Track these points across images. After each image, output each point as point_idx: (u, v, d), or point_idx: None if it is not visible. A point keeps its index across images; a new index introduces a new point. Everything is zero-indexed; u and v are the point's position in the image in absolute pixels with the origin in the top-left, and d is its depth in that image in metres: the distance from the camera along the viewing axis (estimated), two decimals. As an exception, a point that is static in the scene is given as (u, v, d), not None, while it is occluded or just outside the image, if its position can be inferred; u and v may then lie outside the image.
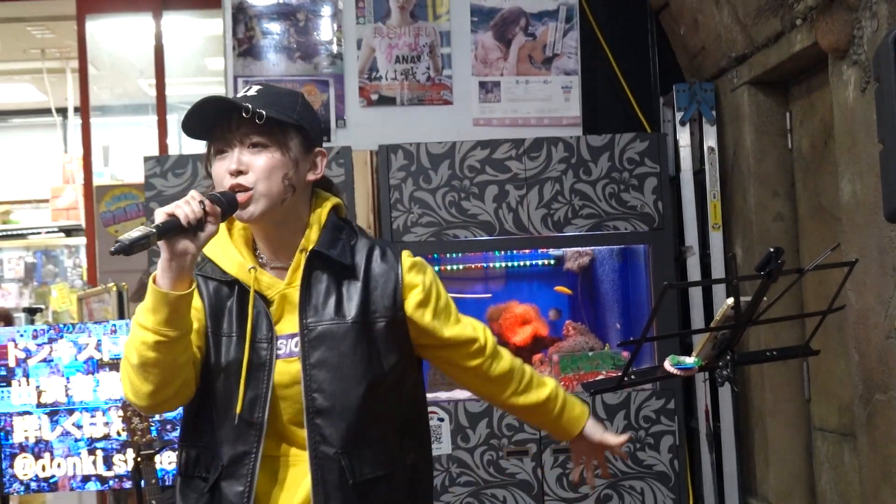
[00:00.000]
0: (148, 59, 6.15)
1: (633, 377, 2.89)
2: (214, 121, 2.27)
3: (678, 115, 5.20)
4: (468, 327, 2.45)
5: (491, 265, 5.60)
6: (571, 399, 2.67)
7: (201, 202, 2.12)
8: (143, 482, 4.11)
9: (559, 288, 5.54)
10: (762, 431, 4.86)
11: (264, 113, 2.22)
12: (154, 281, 2.12)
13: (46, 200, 9.70)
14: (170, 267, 2.11)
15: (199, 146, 5.28)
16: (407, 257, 2.39)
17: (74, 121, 9.22)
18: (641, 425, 4.98)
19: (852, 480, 4.31)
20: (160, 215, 2.09)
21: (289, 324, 2.30)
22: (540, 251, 5.45)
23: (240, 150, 2.25)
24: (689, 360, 2.86)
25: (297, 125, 2.28)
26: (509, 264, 5.60)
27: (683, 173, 5.21)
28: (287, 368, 2.28)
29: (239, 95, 2.31)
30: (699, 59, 5.30)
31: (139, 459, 4.10)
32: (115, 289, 5.30)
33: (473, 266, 5.54)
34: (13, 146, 10.71)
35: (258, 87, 2.32)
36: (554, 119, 5.45)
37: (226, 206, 2.18)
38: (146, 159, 5.07)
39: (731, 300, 2.78)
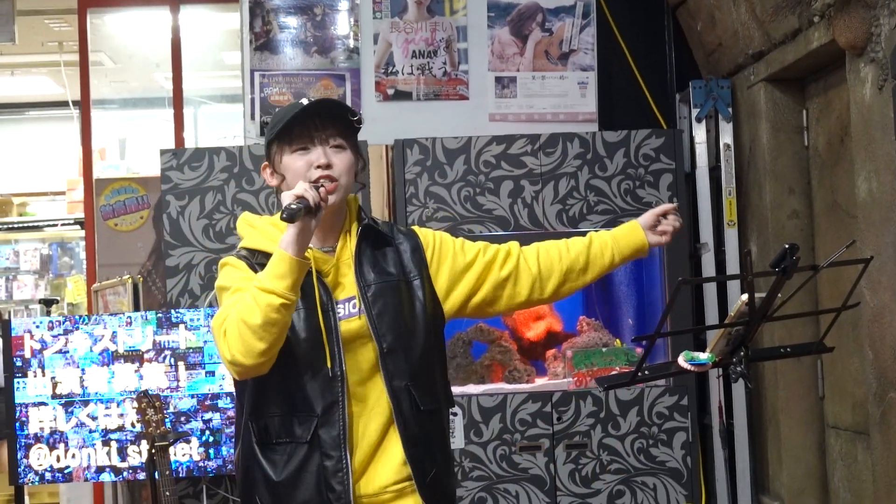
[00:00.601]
0: (165, 53, 6.16)
1: (646, 373, 2.89)
2: (294, 121, 2.65)
3: (694, 112, 5.19)
4: (489, 246, 2.85)
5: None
6: (606, 233, 3.00)
7: (318, 190, 2.53)
8: (156, 473, 4.12)
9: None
10: (775, 429, 4.86)
11: (360, 117, 2.72)
12: (280, 253, 2.48)
13: (63, 193, 9.72)
14: (297, 240, 2.48)
15: (214, 140, 5.31)
16: (419, 229, 2.88)
17: (91, 113, 9.24)
18: (654, 422, 4.98)
19: (865, 478, 4.31)
20: (289, 198, 2.47)
21: (343, 290, 2.70)
22: (555, 247, 5.45)
23: (323, 148, 2.66)
24: (703, 356, 2.86)
25: (356, 131, 2.74)
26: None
27: (699, 170, 5.21)
28: (349, 327, 2.67)
29: (308, 102, 2.68)
30: (716, 55, 5.29)
31: (153, 451, 4.11)
32: (129, 281, 5.32)
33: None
34: (30, 138, 10.75)
35: (319, 98, 2.78)
36: (570, 115, 5.44)
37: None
38: (163, 152, 5.09)
39: (745, 296, 2.78)
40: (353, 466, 2.65)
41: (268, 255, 2.60)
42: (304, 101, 2.69)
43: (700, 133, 5.21)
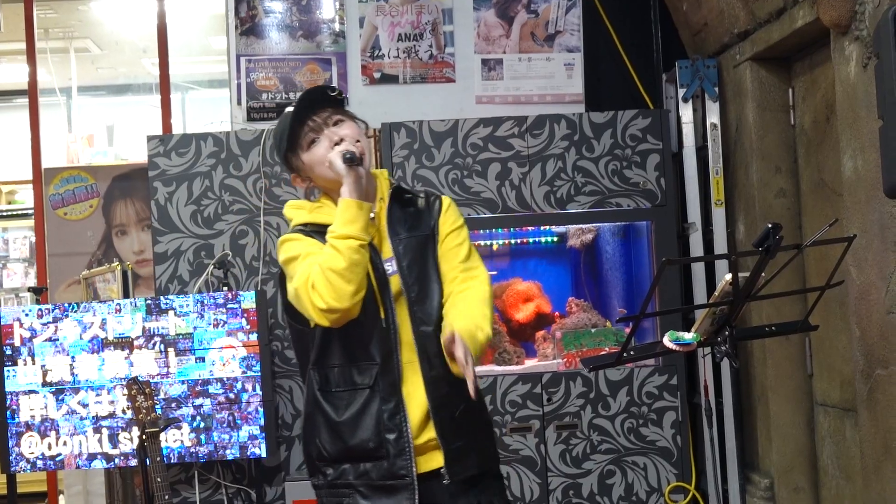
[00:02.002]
0: (151, 39, 6.14)
1: (632, 353, 2.90)
2: (293, 126, 2.92)
3: (681, 92, 5.20)
4: (463, 264, 3.00)
5: (494, 243, 5.61)
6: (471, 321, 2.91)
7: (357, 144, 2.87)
8: (147, 460, 4.13)
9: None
10: (764, 407, 4.88)
11: (339, 89, 2.97)
12: (345, 201, 2.79)
13: (51, 180, 9.69)
14: (357, 187, 2.80)
15: (201, 126, 5.31)
16: (444, 197, 3.08)
17: (78, 100, 9.22)
18: (644, 401, 5.00)
19: (854, 455, 4.33)
20: (338, 156, 2.80)
21: (386, 251, 2.94)
22: (543, 228, 5.47)
23: (328, 129, 2.90)
24: (688, 336, 2.88)
25: (344, 103, 3.00)
26: (512, 242, 5.61)
27: (686, 150, 5.21)
28: (394, 281, 2.91)
29: (294, 107, 2.94)
30: (702, 35, 5.29)
31: (144, 437, 4.12)
32: (119, 268, 5.32)
33: (476, 244, 5.55)
34: (17, 126, 10.70)
35: (302, 99, 2.94)
36: (556, 96, 5.45)
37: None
38: (149, 138, 5.08)
39: (729, 276, 2.79)
40: (410, 415, 2.86)
41: (318, 226, 2.90)
42: (290, 109, 2.94)
43: (687, 113, 5.22)
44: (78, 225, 6.15)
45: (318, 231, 2.90)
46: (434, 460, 2.88)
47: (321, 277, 2.74)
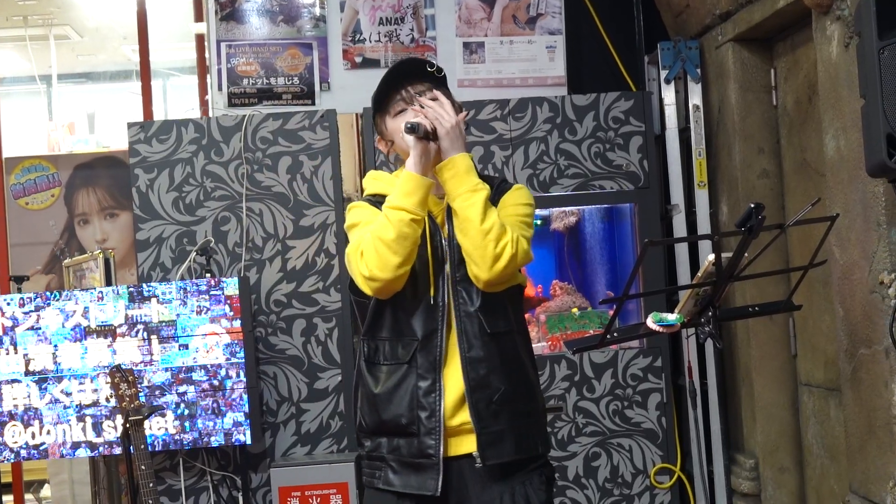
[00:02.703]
0: (131, 25, 6.11)
1: (616, 335, 2.90)
2: (388, 90, 2.93)
3: (663, 74, 5.19)
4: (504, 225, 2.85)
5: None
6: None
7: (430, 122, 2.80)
8: (132, 448, 4.12)
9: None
10: (749, 387, 4.89)
11: (441, 67, 2.95)
12: (406, 173, 2.78)
13: (33, 168, 9.65)
14: (420, 161, 2.78)
15: (182, 112, 5.28)
16: (517, 185, 3.04)
17: (59, 87, 9.17)
18: (629, 383, 5.00)
19: (838, 434, 4.34)
20: (408, 125, 2.76)
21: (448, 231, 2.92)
22: (526, 212, 5.45)
23: (418, 103, 2.89)
24: (672, 317, 2.87)
25: (445, 82, 2.97)
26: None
27: (669, 131, 5.20)
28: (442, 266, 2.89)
29: (391, 67, 2.97)
30: (683, 16, 5.28)
31: (128, 425, 4.11)
32: (101, 256, 5.29)
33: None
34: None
35: (400, 63, 2.98)
36: (538, 79, 5.43)
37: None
38: (130, 125, 5.06)
39: (712, 256, 2.79)
40: (447, 396, 2.85)
41: (385, 197, 2.88)
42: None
43: (669, 94, 5.21)
44: (40, 214, 6.12)
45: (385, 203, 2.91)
46: (467, 443, 2.86)
47: (370, 245, 2.76)
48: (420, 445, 2.84)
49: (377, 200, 2.94)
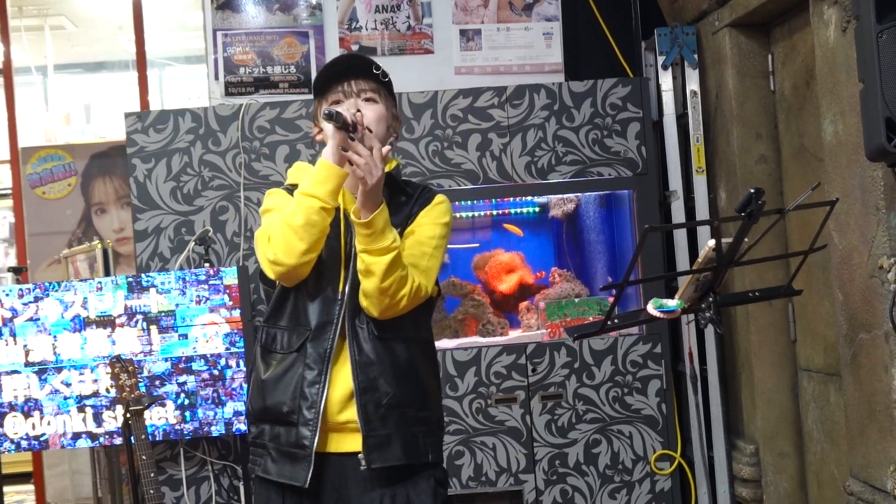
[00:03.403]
0: (127, 15, 6.09)
1: (616, 321, 2.90)
2: (331, 79, 2.92)
3: (660, 60, 5.18)
4: (412, 260, 2.87)
5: (476, 214, 5.60)
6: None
7: (353, 114, 2.73)
8: (132, 438, 4.12)
9: (508, 226, 5.54)
10: (748, 373, 4.89)
11: (386, 71, 2.93)
12: (321, 161, 2.76)
13: (29, 159, 9.64)
14: (336, 151, 2.75)
15: (179, 102, 5.27)
16: (439, 196, 2.99)
17: (54, 78, 9.14)
18: (629, 370, 5.01)
19: (838, 419, 4.34)
20: (326, 113, 2.69)
21: None
22: (524, 199, 5.46)
23: (355, 100, 2.88)
24: (672, 303, 2.87)
25: (388, 86, 2.96)
26: (494, 213, 5.60)
27: (666, 118, 5.20)
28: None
29: (336, 58, 2.96)
30: (680, 2, 5.27)
31: (128, 415, 4.11)
32: (99, 247, 5.29)
33: (458, 215, 5.54)
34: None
35: (348, 54, 2.97)
36: (536, 66, 5.43)
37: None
38: (127, 115, 5.05)
39: (712, 242, 2.78)
40: (335, 391, 2.83)
41: None
42: (340, 57, 2.98)
43: (666, 81, 5.20)
44: (57, 204, 6.12)
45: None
46: (352, 442, 2.84)
47: (278, 230, 2.76)
48: (297, 435, 2.83)
49: (295, 189, 2.93)
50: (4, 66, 5.86)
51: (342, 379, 2.84)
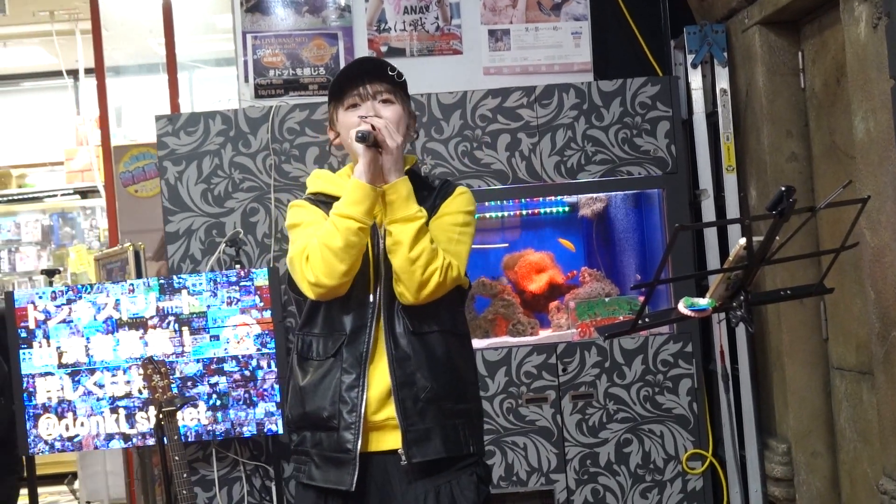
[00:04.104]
0: (157, 18, 6.13)
1: (647, 320, 2.90)
2: (347, 82, 2.94)
3: (689, 58, 5.17)
4: (440, 247, 2.89)
5: (506, 214, 5.60)
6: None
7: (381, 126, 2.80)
8: (165, 439, 4.14)
9: (563, 241, 5.54)
10: (780, 372, 4.87)
11: (401, 72, 2.95)
12: (355, 182, 2.80)
13: (61, 163, 9.71)
14: (369, 170, 2.81)
15: (208, 105, 5.30)
16: (460, 187, 3.04)
17: (86, 82, 9.21)
18: (659, 369, 5.00)
19: (871, 418, 4.32)
20: (353, 133, 2.81)
21: None
22: (554, 199, 5.46)
23: (371, 103, 2.91)
24: (703, 302, 2.87)
25: (404, 86, 2.98)
26: (523, 213, 5.60)
27: (696, 116, 5.18)
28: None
29: (351, 62, 3.00)
30: (709, 0, 5.26)
31: (161, 416, 4.13)
32: (131, 249, 5.32)
33: (488, 216, 5.55)
34: (26, 109, 10.73)
35: (362, 58, 3.01)
36: (564, 65, 5.42)
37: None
38: (157, 118, 5.08)
39: (743, 240, 2.78)
40: (371, 391, 2.86)
41: (327, 196, 2.96)
42: (355, 61, 3.00)
43: (696, 79, 5.19)
44: (149, 202, 6.17)
45: (326, 202, 2.96)
46: (392, 440, 2.87)
47: (316, 252, 2.79)
48: (339, 440, 2.86)
49: (319, 199, 3.00)
50: (97, 66, 5.86)
51: (378, 378, 2.87)
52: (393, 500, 2.89)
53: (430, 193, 3.00)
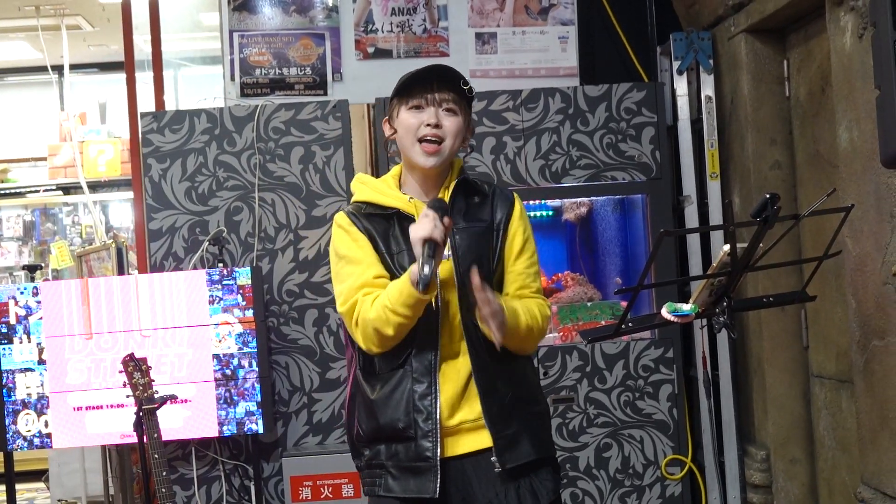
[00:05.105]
0: (143, 16, 6.10)
1: (630, 324, 2.90)
2: (414, 81, 2.90)
3: (675, 65, 5.18)
4: (531, 290, 3.00)
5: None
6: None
7: (442, 223, 2.72)
8: (145, 437, 4.13)
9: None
10: (760, 379, 4.89)
11: (473, 87, 2.92)
12: (410, 291, 2.71)
13: (44, 158, 9.66)
14: (433, 281, 2.69)
15: (194, 103, 5.28)
16: (518, 199, 3.05)
17: (70, 78, 9.17)
18: (640, 374, 5.01)
19: (850, 426, 4.34)
20: (419, 241, 2.69)
21: None
22: (538, 202, 5.46)
23: (436, 109, 2.88)
24: (686, 308, 2.87)
25: (470, 99, 2.95)
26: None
27: (681, 123, 5.20)
28: (443, 266, 2.83)
29: (428, 67, 2.92)
30: (696, 7, 5.27)
31: (141, 414, 4.12)
32: (114, 245, 5.31)
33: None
34: (9, 104, 10.68)
35: (437, 66, 2.93)
36: (551, 70, 5.43)
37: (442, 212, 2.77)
38: (143, 115, 5.07)
39: (727, 247, 2.78)
40: (442, 397, 2.85)
41: (375, 206, 2.92)
42: (427, 67, 2.92)
43: (681, 86, 5.20)
44: None
45: (373, 214, 2.92)
46: (466, 442, 2.87)
47: (368, 327, 2.80)
48: (417, 449, 2.84)
49: (365, 212, 2.94)
50: (126, 61, 5.82)
51: (447, 384, 2.87)
52: (475, 502, 2.89)
53: (484, 200, 3.00)
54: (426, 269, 2.65)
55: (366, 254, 2.88)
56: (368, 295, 2.82)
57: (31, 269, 5.63)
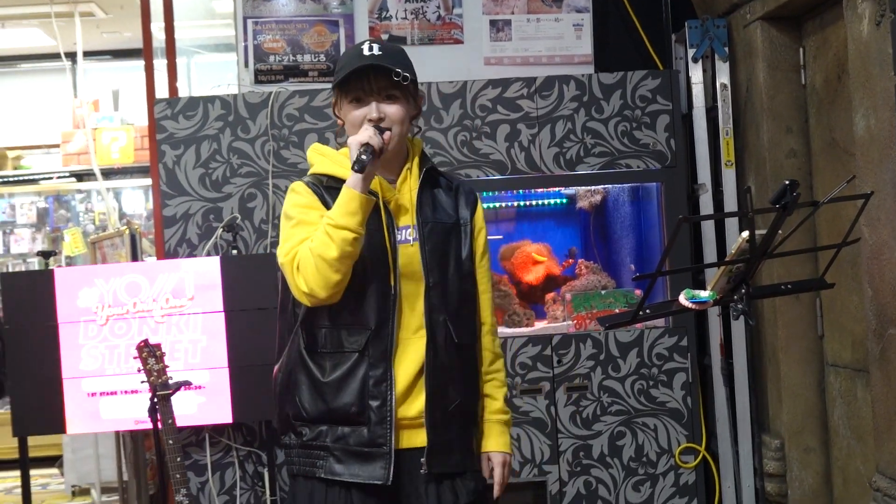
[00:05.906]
0: (156, 2, 6.10)
1: (648, 311, 2.90)
2: (351, 75, 2.85)
3: (690, 52, 5.16)
4: (487, 297, 3.08)
5: (503, 205, 5.60)
6: (506, 426, 3.10)
7: (381, 135, 2.78)
8: (159, 423, 4.13)
9: (537, 255, 5.52)
10: (775, 367, 4.88)
11: (408, 76, 2.86)
12: (350, 192, 2.74)
13: (57, 145, 9.69)
14: (366, 182, 2.75)
15: (207, 90, 5.28)
16: (479, 199, 3.10)
17: (84, 65, 9.17)
18: (654, 363, 5.00)
19: (865, 415, 4.33)
20: (356, 146, 2.74)
21: (401, 219, 2.92)
22: (552, 190, 5.45)
23: (376, 101, 2.85)
24: (704, 294, 2.87)
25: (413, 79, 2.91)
26: (521, 204, 5.60)
27: (696, 110, 5.18)
28: (404, 251, 2.89)
29: (366, 54, 2.86)
30: (711, -6, 5.26)
31: (155, 400, 4.12)
32: (127, 232, 5.31)
33: (485, 206, 5.53)
34: (23, 91, 10.70)
35: (377, 45, 2.89)
36: (565, 57, 5.41)
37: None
38: (157, 101, 5.07)
39: (745, 233, 2.78)
40: (396, 386, 2.85)
41: (335, 179, 2.90)
42: (364, 49, 2.87)
43: (696, 73, 5.18)
44: None
45: (333, 187, 2.89)
46: (416, 437, 2.88)
47: (309, 262, 2.75)
48: (371, 435, 2.83)
49: (326, 184, 2.93)
50: (145, 48, 5.82)
51: (402, 372, 2.86)
52: (411, 495, 2.89)
53: (449, 195, 3.02)
54: (364, 158, 2.70)
55: (319, 221, 2.83)
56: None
57: (46, 256, 5.62)
